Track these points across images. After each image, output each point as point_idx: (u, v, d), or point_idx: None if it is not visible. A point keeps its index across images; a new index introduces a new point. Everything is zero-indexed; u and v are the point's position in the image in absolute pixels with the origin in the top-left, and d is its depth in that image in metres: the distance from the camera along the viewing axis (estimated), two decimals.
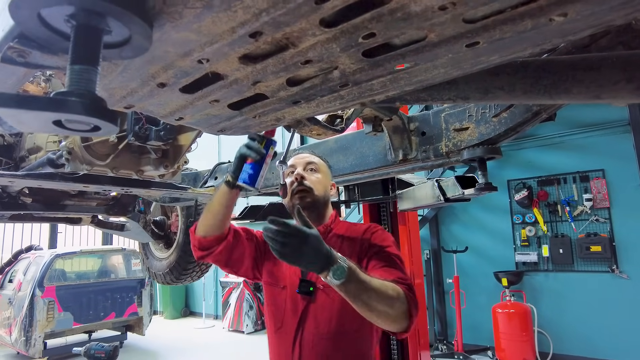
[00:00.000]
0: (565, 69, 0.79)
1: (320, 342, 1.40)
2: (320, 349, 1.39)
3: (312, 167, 1.56)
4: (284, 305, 1.50)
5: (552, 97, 0.82)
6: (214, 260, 1.56)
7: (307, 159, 1.58)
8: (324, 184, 1.57)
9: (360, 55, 0.73)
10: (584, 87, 0.78)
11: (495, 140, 1.56)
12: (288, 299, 1.50)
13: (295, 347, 1.43)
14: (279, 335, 1.50)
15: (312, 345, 1.41)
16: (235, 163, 1.44)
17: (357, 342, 1.42)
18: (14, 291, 6.53)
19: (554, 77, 0.80)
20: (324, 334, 1.40)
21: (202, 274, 3.42)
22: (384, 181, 2.85)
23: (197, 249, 1.53)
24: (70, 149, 1.55)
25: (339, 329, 1.40)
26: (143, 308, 7.20)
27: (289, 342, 1.45)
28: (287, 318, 1.48)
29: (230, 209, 1.50)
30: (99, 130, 0.54)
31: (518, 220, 5.90)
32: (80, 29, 0.53)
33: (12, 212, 2.40)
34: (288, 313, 1.48)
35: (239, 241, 1.57)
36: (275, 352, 1.53)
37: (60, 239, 9.92)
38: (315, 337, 1.41)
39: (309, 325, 1.43)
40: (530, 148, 5.87)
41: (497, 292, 5.74)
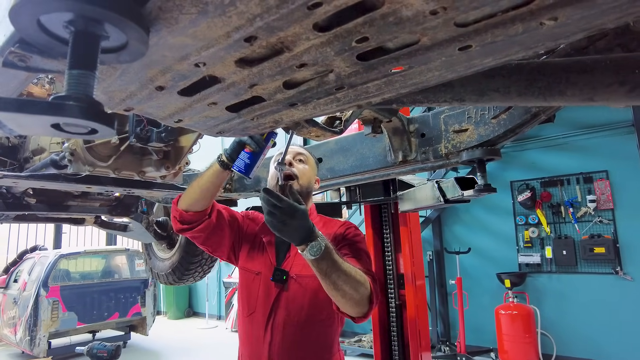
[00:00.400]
0: (559, 72, 0.79)
1: (290, 328, 1.47)
2: (290, 335, 1.46)
3: (301, 158, 1.63)
4: (257, 291, 1.54)
5: (547, 99, 0.82)
6: (193, 236, 1.58)
7: (297, 150, 1.66)
8: (309, 176, 1.63)
9: (354, 59, 0.74)
10: (578, 90, 0.79)
11: (495, 142, 1.56)
12: (261, 286, 1.55)
13: (267, 333, 1.48)
14: (250, 320, 1.55)
15: (282, 332, 1.47)
16: (232, 146, 1.46)
17: (324, 331, 1.51)
18: (19, 291, 6.58)
19: (548, 80, 0.80)
20: (294, 322, 1.48)
21: (204, 274, 3.43)
22: (385, 182, 2.86)
23: (178, 222, 1.55)
24: (73, 151, 1.57)
25: (309, 317, 1.48)
26: (146, 308, 7.23)
27: (260, 327, 1.50)
28: (260, 304, 1.53)
29: (218, 187, 1.53)
30: (96, 134, 0.55)
31: (521, 222, 5.88)
32: (78, 35, 0.54)
33: (17, 212, 2.43)
34: (261, 299, 1.53)
35: (221, 223, 1.61)
36: (246, 337, 1.57)
37: (65, 239, 9.98)
38: (286, 324, 1.48)
39: (281, 312, 1.49)
40: (534, 149, 5.86)
41: (500, 293, 5.73)
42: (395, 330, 2.94)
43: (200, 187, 1.50)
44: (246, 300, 1.59)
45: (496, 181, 6.17)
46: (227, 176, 1.52)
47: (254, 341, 1.53)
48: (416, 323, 2.81)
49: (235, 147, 1.46)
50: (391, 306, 2.99)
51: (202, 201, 1.52)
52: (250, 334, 1.55)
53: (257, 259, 1.61)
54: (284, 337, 1.48)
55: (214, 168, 1.49)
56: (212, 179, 1.49)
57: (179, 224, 1.55)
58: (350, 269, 1.27)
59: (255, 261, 1.61)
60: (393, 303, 2.99)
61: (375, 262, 3.11)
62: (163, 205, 3.64)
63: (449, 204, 2.00)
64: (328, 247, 1.21)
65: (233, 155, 1.46)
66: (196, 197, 1.51)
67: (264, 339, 1.50)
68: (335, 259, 1.22)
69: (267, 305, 1.52)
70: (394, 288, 3.02)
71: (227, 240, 1.64)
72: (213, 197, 1.56)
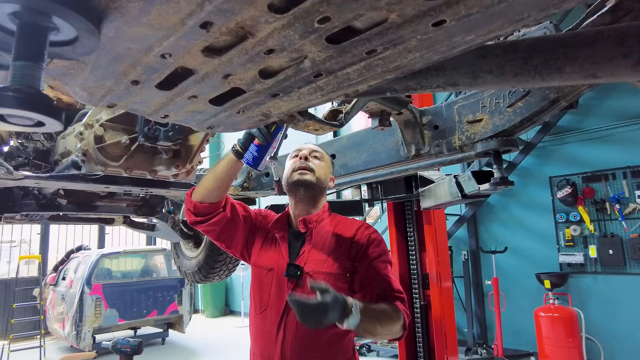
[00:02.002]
0: (555, 47, 0.72)
1: (303, 327, 1.38)
2: (303, 334, 1.42)
3: (317, 154, 1.63)
4: (270, 288, 1.52)
5: (545, 79, 0.75)
6: (206, 230, 1.58)
7: (313, 147, 1.65)
8: (325, 172, 1.62)
9: (324, 42, 0.70)
10: (578, 66, 0.71)
11: (511, 132, 1.47)
12: (274, 282, 1.52)
13: (280, 330, 1.45)
14: (262, 317, 1.51)
15: (295, 330, 1.43)
16: (245, 137, 1.45)
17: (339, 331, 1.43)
18: (66, 288, 6.96)
19: (544, 57, 0.73)
20: None
21: (230, 272, 3.48)
22: (406, 179, 2.78)
23: (192, 214, 1.54)
24: (85, 151, 1.63)
25: None
26: (183, 306, 7.44)
27: (273, 324, 1.47)
28: (272, 301, 1.50)
29: (232, 178, 1.53)
30: (43, 126, 0.55)
31: (561, 219, 5.56)
32: (22, 27, 0.54)
33: (49, 212, 2.55)
34: (273, 296, 1.50)
35: (235, 217, 1.60)
36: (258, 335, 1.54)
37: (108, 240, 10.49)
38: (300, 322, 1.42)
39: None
40: (574, 142, 5.52)
41: (539, 294, 5.44)
42: (420, 332, 2.85)
43: (215, 177, 1.50)
44: (258, 297, 1.56)
45: (534, 177, 5.87)
46: (241, 166, 1.51)
47: (266, 339, 1.50)
48: (442, 324, 2.71)
49: (247, 137, 1.45)
50: (416, 307, 2.90)
51: (217, 192, 1.52)
52: (263, 332, 1.52)
53: (270, 256, 1.59)
54: (297, 336, 1.44)
55: (229, 158, 1.49)
56: (227, 169, 1.49)
57: (193, 216, 1.55)
58: (386, 316, 1.34)
59: (268, 257, 1.59)
60: (418, 304, 2.90)
61: (398, 261, 3.03)
62: None
63: (468, 200, 1.91)
64: (364, 313, 1.23)
65: (245, 145, 1.45)
66: (210, 188, 1.51)
67: (277, 337, 1.47)
68: (372, 318, 1.28)
69: (280, 302, 1.49)
70: (419, 288, 2.93)
71: (241, 235, 1.64)
72: (227, 188, 1.56)
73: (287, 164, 1.64)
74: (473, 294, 6.19)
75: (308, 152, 1.61)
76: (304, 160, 1.58)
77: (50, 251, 9.53)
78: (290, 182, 1.57)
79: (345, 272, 1.50)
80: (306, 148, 1.64)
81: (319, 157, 1.64)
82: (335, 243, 1.53)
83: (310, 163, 1.58)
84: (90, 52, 0.63)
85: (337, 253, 1.52)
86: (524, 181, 5.95)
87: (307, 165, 1.57)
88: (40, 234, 9.52)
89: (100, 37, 0.63)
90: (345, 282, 1.49)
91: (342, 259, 1.51)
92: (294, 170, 1.57)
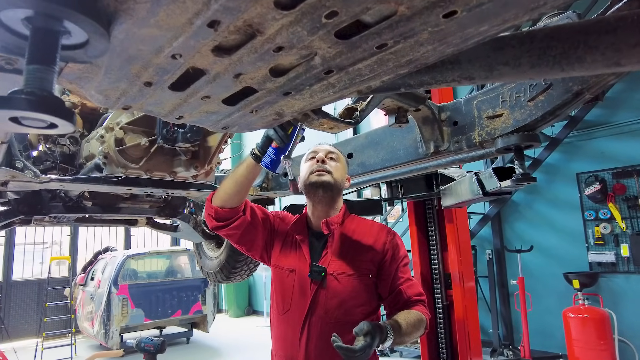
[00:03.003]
0: (575, 35, 0.68)
1: (327, 327, 1.44)
2: (327, 334, 1.40)
3: (333, 156, 1.63)
4: (292, 289, 1.53)
5: (564, 69, 0.72)
6: (227, 234, 1.59)
7: (329, 149, 1.66)
8: (342, 173, 1.63)
9: (334, 38, 0.69)
10: (599, 54, 0.67)
11: (533, 126, 1.42)
12: (296, 283, 1.53)
13: (304, 331, 1.46)
14: (285, 318, 1.53)
15: (320, 330, 1.45)
16: (263, 140, 1.45)
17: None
18: (94, 288, 7.17)
19: (563, 46, 0.69)
20: (332, 320, 1.46)
21: (251, 272, 3.50)
22: (427, 177, 2.74)
23: (213, 219, 1.56)
24: (106, 154, 1.67)
25: (347, 316, 1.46)
26: (207, 306, 7.55)
27: (297, 325, 1.48)
28: (295, 302, 1.51)
29: (251, 182, 1.53)
30: (56, 127, 0.56)
31: (590, 217, 5.37)
32: (35, 31, 0.55)
33: (76, 215, 2.63)
34: (296, 297, 1.52)
35: (255, 220, 1.62)
36: (280, 336, 1.55)
37: (134, 241, 10.75)
38: (324, 322, 1.45)
39: (318, 310, 1.47)
40: (602, 137, 5.32)
41: (568, 295, 5.27)
42: (442, 332, 2.80)
43: (235, 181, 1.51)
44: (280, 299, 1.58)
45: (560, 174, 5.70)
46: (260, 170, 1.51)
47: (289, 340, 1.51)
48: (465, 324, 2.65)
49: (265, 141, 1.44)
50: (438, 307, 2.85)
51: (237, 196, 1.53)
52: (286, 333, 1.53)
53: (291, 257, 1.60)
54: (321, 336, 1.45)
55: (248, 162, 1.49)
56: (246, 172, 1.50)
57: (214, 221, 1.57)
58: (413, 328, 1.43)
59: (289, 259, 1.60)
60: (440, 304, 2.85)
61: (420, 261, 2.99)
62: None
63: (489, 197, 1.86)
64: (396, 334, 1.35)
65: (264, 148, 1.45)
66: (230, 192, 1.52)
67: (300, 338, 1.48)
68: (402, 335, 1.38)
69: (303, 303, 1.50)
70: (441, 288, 2.88)
71: (261, 238, 1.65)
72: (247, 192, 1.57)
73: (304, 167, 1.65)
74: (498, 294, 6.05)
75: (324, 154, 1.62)
76: (321, 162, 1.59)
77: (79, 252, 9.86)
78: (308, 184, 1.58)
79: (368, 274, 1.53)
80: (322, 150, 1.65)
81: (335, 158, 1.65)
82: (358, 245, 1.57)
83: (327, 165, 1.59)
84: (101, 54, 0.64)
85: (360, 255, 1.56)
86: (550, 178, 5.78)
87: (324, 168, 1.58)
88: (70, 235, 9.85)
89: (111, 39, 0.64)
90: (368, 282, 1.53)
91: (366, 261, 1.55)
92: (312, 172, 1.59)
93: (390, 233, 1.63)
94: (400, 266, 1.57)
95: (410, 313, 1.48)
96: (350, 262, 1.53)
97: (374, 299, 1.55)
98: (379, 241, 1.57)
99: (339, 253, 1.55)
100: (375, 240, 1.58)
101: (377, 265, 1.54)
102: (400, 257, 1.58)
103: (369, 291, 1.54)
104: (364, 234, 1.60)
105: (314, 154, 1.64)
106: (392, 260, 1.56)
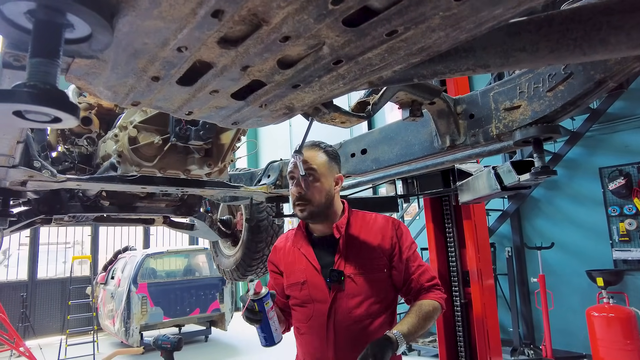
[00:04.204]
0: (597, 16, 0.64)
1: (352, 326, 1.49)
2: (353, 333, 1.48)
3: (311, 172, 1.55)
4: (310, 297, 1.56)
5: (586, 53, 0.68)
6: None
7: (306, 164, 1.55)
8: (325, 188, 1.58)
9: (342, 26, 0.67)
10: (624, 35, 0.63)
11: (552, 118, 1.37)
12: (312, 292, 1.55)
13: (329, 334, 1.50)
14: (308, 327, 1.56)
15: (345, 330, 1.49)
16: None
17: (382, 325, 1.53)
18: (114, 287, 7.32)
19: (584, 28, 0.65)
20: (355, 318, 1.49)
21: (267, 270, 3.50)
22: (443, 172, 2.69)
23: None
24: (120, 152, 1.69)
25: (368, 312, 1.50)
26: (225, 304, 7.61)
27: (321, 330, 1.51)
28: (317, 308, 1.54)
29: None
30: (60, 122, 0.55)
31: (614, 213, 5.20)
32: (38, 24, 0.55)
33: (93, 214, 2.67)
34: (315, 305, 1.54)
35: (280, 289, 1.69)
36: (308, 343, 1.58)
37: (153, 240, 10.93)
38: (348, 321, 1.49)
39: (340, 313, 1.50)
40: (627, 130, 5.15)
41: (591, 293, 5.12)
42: (461, 331, 2.75)
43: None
44: (301, 311, 1.60)
45: (581, 168, 5.54)
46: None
47: (316, 346, 1.55)
48: (483, 323, 2.60)
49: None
50: (456, 305, 2.80)
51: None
52: (312, 340, 1.57)
53: (297, 270, 1.63)
54: (348, 336, 1.50)
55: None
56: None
57: None
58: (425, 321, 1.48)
59: (297, 273, 1.63)
60: (458, 302, 2.80)
61: (437, 258, 2.94)
62: (227, 205, 3.79)
63: (508, 192, 1.81)
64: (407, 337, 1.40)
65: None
66: None
67: (327, 341, 1.51)
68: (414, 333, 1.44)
69: (323, 308, 1.53)
70: (459, 286, 2.82)
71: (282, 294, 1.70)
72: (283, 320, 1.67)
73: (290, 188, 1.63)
74: (518, 292, 5.93)
75: (298, 175, 1.55)
76: (297, 190, 1.56)
77: (100, 252, 10.08)
78: (295, 216, 1.63)
79: (383, 269, 1.57)
80: (296, 168, 1.55)
81: (315, 175, 1.56)
82: (367, 242, 1.59)
83: (303, 194, 1.55)
84: (105, 47, 0.63)
85: (371, 252, 1.58)
86: (571, 173, 5.63)
87: (301, 199, 1.56)
88: (91, 235, 10.08)
89: (116, 33, 0.63)
90: (383, 277, 1.56)
91: (377, 257, 1.57)
92: (294, 203, 1.60)
93: (395, 224, 1.65)
94: (410, 256, 1.60)
95: (423, 305, 1.52)
96: (363, 261, 1.56)
97: (390, 291, 1.59)
98: (387, 235, 1.59)
99: (351, 254, 1.57)
100: (383, 234, 1.60)
101: (389, 258, 1.57)
102: (409, 246, 1.62)
103: (385, 285, 1.57)
104: (371, 230, 1.61)
105: (292, 173, 1.59)
106: (401, 251, 1.59)
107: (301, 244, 1.66)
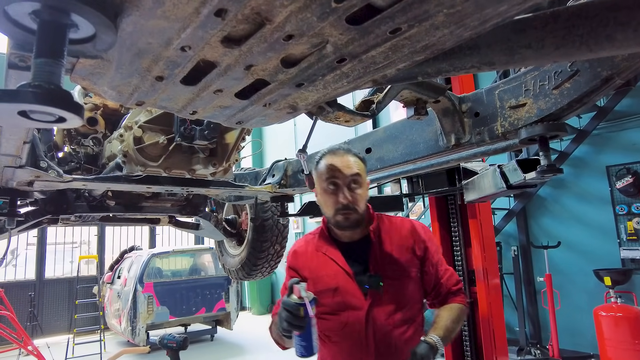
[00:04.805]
0: (603, 12, 0.64)
1: (391, 331, 1.46)
2: (392, 339, 1.46)
3: (356, 178, 1.47)
4: (344, 304, 1.48)
5: (592, 49, 0.67)
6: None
7: (350, 170, 1.47)
8: (366, 192, 1.54)
9: (345, 24, 0.67)
10: (631, 31, 0.62)
11: (558, 115, 1.36)
12: (347, 297, 1.48)
13: (369, 340, 1.45)
14: (344, 333, 1.48)
15: (384, 336, 1.45)
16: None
17: (417, 328, 1.53)
18: (121, 286, 7.36)
19: (590, 24, 0.65)
20: (394, 324, 1.46)
21: (272, 269, 3.51)
22: (449, 171, 2.67)
23: None
24: (125, 152, 1.70)
25: (405, 318, 1.49)
26: (230, 304, 7.63)
27: (359, 337, 1.45)
28: (352, 315, 1.47)
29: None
30: (64, 121, 0.56)
31: (622, 211, 5.15)
32: (42, 25, 0.55)
33: (100, 214, 2.69)
34: (351, 310, 1.47)
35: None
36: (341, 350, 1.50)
37: (159, 240, 10.98)
38: (387, 327, 1.46)
39: (380, 316, 1.46)
40: (634, 128, 5.10)
41: (598, 292, 5.08)
42: (467, 330, 2.74)
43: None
44: (332, 319, 1.50)
45: (588, 167, 5.49)
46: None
47: (355, 354, 1.48)
48: (489, 322, 2.58)
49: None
50: None
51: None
52: (347, 348, 1.49)
53: (326, 276, 1.54)
54: (388, 342, 1.46)
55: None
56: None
57: None
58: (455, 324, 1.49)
59: (325, 279, 1.54)
60: None
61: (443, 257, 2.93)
62: (232, 204, 3.80)
63: (514, 191, 1.79)
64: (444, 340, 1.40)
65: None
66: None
67: (367, 349, 1.45)
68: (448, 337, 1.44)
69: (359, 315, 1.46)
70: (465, 285, 2.81)
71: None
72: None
73: (324, 196, 1.50)
74: (524, 292, 5.90)
75: (347, 185, 1.46)
76: (344, 195, 1.45)
77: (106, 251, 10.15)
78: (335, 223, 1.51)
79: (416, 272, 1.56)
80: (342, 174, 1.46)
81: (359, 181, 1.49)
82: (398, 246, 1.56)
83: (352, 200, 1.45)
84: (109, 47, 0.63)
85: (403, 256, 1.55)
86: (578, 171, 5.59)
87: (350, 206, 1.45)
88: (98, 235, 10.14)
89: (120, 32, 0.63)
90: (416, 279, 1.55)
91: (409, 261, 1.55)
92: (337, 211, 1.47)
93: (422, 228, 1.64)
94: (440, 260, 1.61)
95: (453, 309, 1.53)
96: (397, 265, 1.52)
97: (421, 295, 1.59)
98: (418, 239, 1.57)
99: (385, 258, 1.53)
100: (413, 239, 1.57)
101: (420, 262, 1.56)
102: (436, 249, 1.62)
103: (418, 288, 1.57)
104: (400, 234, 1.59)
105: (334, 179, 1.46)
106: (430, 255, 1.58)
107: (326, 249, 1.57)
